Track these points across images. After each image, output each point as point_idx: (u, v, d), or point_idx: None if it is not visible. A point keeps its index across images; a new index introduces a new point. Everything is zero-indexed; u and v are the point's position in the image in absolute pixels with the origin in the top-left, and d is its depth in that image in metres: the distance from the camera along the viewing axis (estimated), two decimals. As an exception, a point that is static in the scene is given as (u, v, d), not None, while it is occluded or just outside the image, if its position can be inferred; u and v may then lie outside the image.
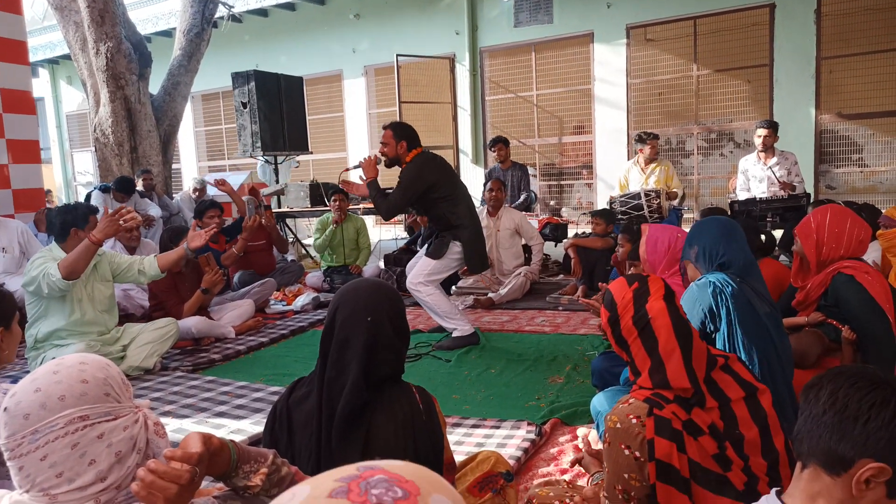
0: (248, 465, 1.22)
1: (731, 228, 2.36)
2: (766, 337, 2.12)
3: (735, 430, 1.56)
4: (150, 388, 3.56)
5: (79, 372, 1.18)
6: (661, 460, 1.47)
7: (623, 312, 1.64)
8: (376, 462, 0.55)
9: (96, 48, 7.92)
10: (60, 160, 15.62)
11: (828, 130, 8.62)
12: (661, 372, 1.57)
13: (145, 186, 7.34)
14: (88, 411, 1.16)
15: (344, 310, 1.56)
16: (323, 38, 11.45)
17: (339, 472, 0.53)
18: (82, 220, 3.67)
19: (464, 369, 3.73)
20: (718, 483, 1.50)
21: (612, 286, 1.72)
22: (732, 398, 1.59)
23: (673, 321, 1.61)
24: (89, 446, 1.15)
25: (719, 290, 2.13)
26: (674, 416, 1.51)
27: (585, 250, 5.39)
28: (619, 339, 1.67)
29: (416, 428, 1.55)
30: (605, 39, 9.49)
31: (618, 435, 1.53)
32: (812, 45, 8.26)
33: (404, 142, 4.10)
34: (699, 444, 1.51)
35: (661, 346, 1.58)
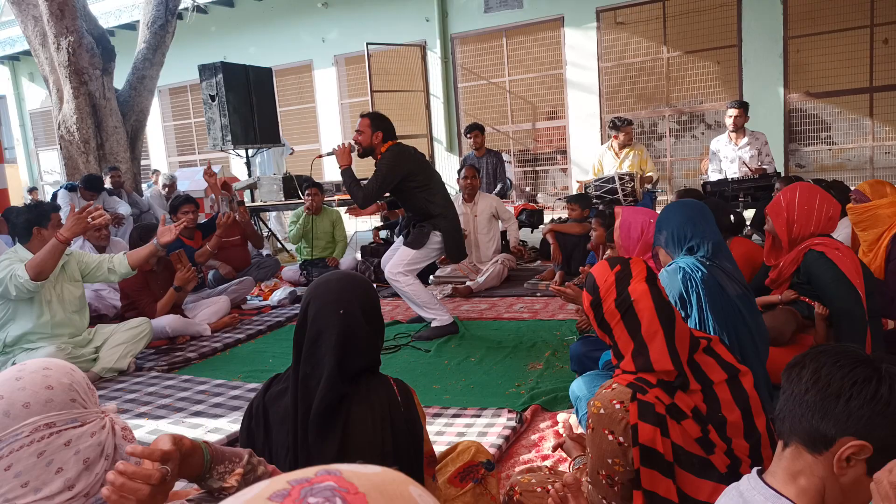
0: (223, 466, 1.20)
1: (698, 211, 2.36)
2: (739, 318, 2.13)
3: (718, 413, 1.57)
4: (125, 390, 3.49)
5: (43, 378, 1.15)
6: (645, 445, 1.47)
7: (605, 296, 1.63)
8: (342, 466, 0.52)
9: (57, 43, 7.71)
10: (26, 159, 15.25)
11: (796, 109, 8.73)
12: (644, 355, 1.56)
13: (113, 184, 7.19)
14: (55, 418, 1.13)
15: (316, 303, 1.54)
16: (292, 28, 11.28)
17: (297, 474, 0.51)
18: (45, 219, 3.58)
19: (443, 359, 3.72)
20: (702, 466, 1.51)
21: (594, 269, 1.71)
22: (715, 381, 1.60)
23: (655, 303, 1.60)
24: (56, 454, 1.12)
25: (689, 276, 2.14)
26: (657, 400, 1.50)
27: (564, 236, 5.40)
28: (602, 322, 1.65)
29: (394, 421, 1.53)
30: (575, 23, 9.48)
31: (601, 420, 1.52)
32: (779, 24, 8.34)
33: (380, 132, 4.07)
34: (682, 428, 1.51)
35: (643, 329, 1.57)
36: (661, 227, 2.39)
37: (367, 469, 0.53)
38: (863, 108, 8.57)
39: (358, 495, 0.48)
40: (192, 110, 13.01)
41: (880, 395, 0.99)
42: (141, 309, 4.30)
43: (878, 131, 8.61)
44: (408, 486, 0.52)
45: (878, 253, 3.30)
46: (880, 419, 0.98)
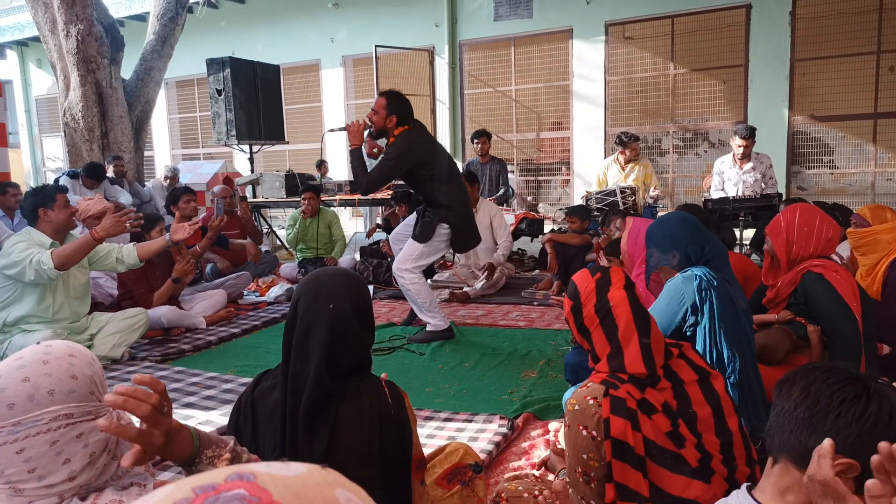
0: (211, 451, 1.19)
1: (698, 224, 2.38)
2: (744, 333, 2.14)
3: (688, 409, 1.61)
4: (117, 379, 3.48)
5: (69, 366, 1.15)
6: (616, 438, 1.51)
7: (586, 301, 1.69)
8: (257, 468, 0.47)
9: (66, 30, 7.73)
10: (29, 145, 15.25)
11: (800, 132, 8.76)
12: (618, 358, 1.63)
13: (116, 173, 7.19)
14: (74, 409, 1.14)
15: (305, 299, 1.53)
16: (301, 27, 11.31)
17: (204, 479, 0.46)
18: (49, 200, 3.60)
19: (437, 363, 3.72)
20: (674, 460, 1.54)
21: (576, 277, 1.77)
22: (686, 380, 1.65)
23: (633, 309, 1.66)
24: (67, 445, 1.12)
25: (705, 286, 2.15)
26: (628, 395, 1.55)
27: (563, 246, 5.40)
28: (581, 327, 1.71)
29: (383, 422, 1.52)
30: (584, 36, 9.52)
31: (576, 416, 1.57)
32: (786, 46, 8.38)
33: (395, 116, 3.90)
34: (653, 423, 1.55)
35: (620, 333, 1.64)
36: (668, 247, 2.35)
37: (288, 471, 0.48)
38: (866, 134, 8.60)
39: None
40: (197, 104, 13.02)
41: (869, 413, 0.99)
42: (137, 299, 4.30)
43: (880, 157, 8.65)
44: (334, 490, 0.47)
45: (875, 277, 3.31)
46: (869, 437, 0.98)
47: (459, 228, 4.04)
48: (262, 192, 7.56)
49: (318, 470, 0.48)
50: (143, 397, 1.05)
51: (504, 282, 5.60)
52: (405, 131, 3.92)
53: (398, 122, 3.91)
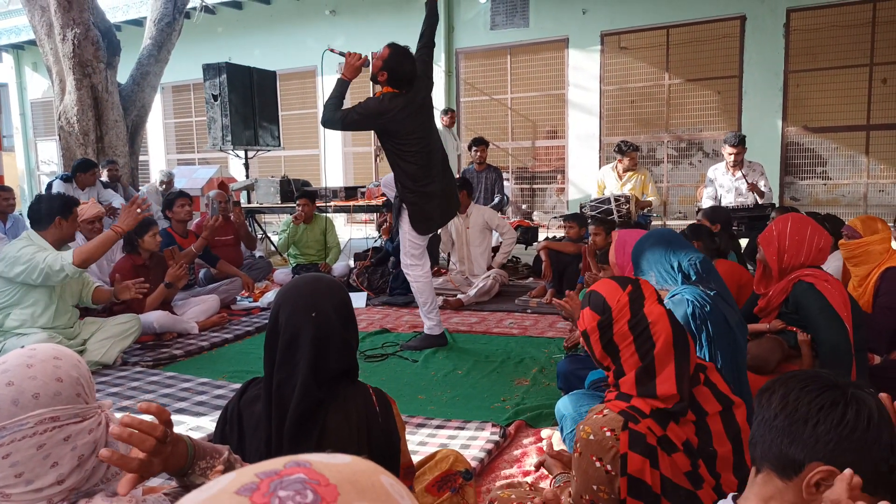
0: (204, 462, 1.19)
1: (669, 237, 2.37)
2: (739, 352, 2.13)
3: (709, 447, 1.55)
4: (108, 384, 3.47)
5: (53, 368, 1.14)
6: (634, 475, 1.45)
7: (618, 316, 1.58)
8: (311, 457, 0.51)
9: (63, 34, 7.72)
10: (24, 148, 15.20)
11: (793, 143, 8.81)
12: (649, 379, 1.53)
13: (110, 177, 7.18)
14: (60, 412, 1.12)
15: (287, 308, 1.51)
16: (298, 33, 11.34)
17: (265, 466, 0.50)
18: (68, 211, 3.63)
19: (430, 370, 3.71)
20: (688, 499, 1.49)
21: (602, 288, 1.65)
22: (709, 412, 1.58)
23: (673, 328, 1.56)
24: (54, 448, 1.11)
25: (699, 312, 2.07)
26: (649, 430, 1.48)
27: (557, 254, 5.41)
28: (609, 343, 1.60)
29: (371, 430, 1.51)
30: (579, 45, 9.57)
31: (590, 446, 1.50)
32: (780, 58, 8.44)
33: (386, 73, 3.69)
34: (672, 461, 1.49)
35: (656, 352, 1.54)
36: (644, 266, 2.32)
37: (337, 459, 0.52)
38: (859, 146, 8.66)
39: (329, 487, 0.47)
40: (193, 109, 13.01)
41: (847, 419, 0.99)
42: (130, 304, 4.27)
43: (873, 169, 8.70)
44: (379, 476, 0.51)
45: (867, 288, 3.33)
46: (847, 444, 0.99)
47: (418, 208, 3.87)
48: (257, 198, 7.55)
49: (359, 459, 0.52)
50: (149, 430, 1.05)
51: (498, 289, 5.60)
52: (391, 94, 3.70)
53: (388, 81, 3.71)
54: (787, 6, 8.30)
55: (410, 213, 3.90)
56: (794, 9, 8.30)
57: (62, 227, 3.58)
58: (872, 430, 0.99)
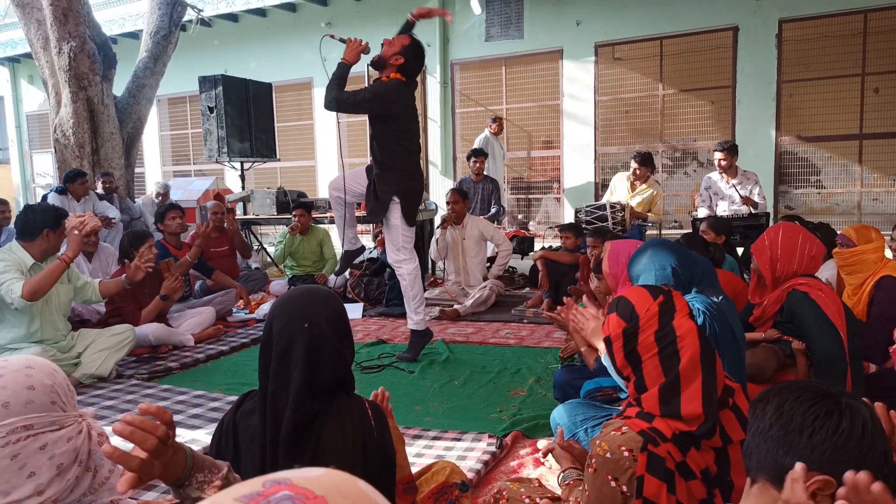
0: (203, 475, 1.17)
1: (665, 244, 2.37)
2: (741, 361, 2.13)
3: (726, 477, 1.52)
4: (103, 397, 3.45)
5: (25, 377, 1.13)
6: (649, 499, 1.43)
7: (645, 326, 1.53)
8: (288, 474, 0.50)
9: (59, 47, 7.74)
10: (19, 161, 15.19)
11: (787, 152, 8.86)
12: (674, 396, 1.48)
13: (106, 189, 7.17)
14: (34, 420, 1.11)
15: (280, 320, 1.51)
16: (293, 46, 11.37)
17: (242, 489, 0.48)
18: (56, 224, 3.59)
19: (427, 381, 3.71)
20: None
21: (631, 295, 1.61)
22: (734, 440, 1.54)
23: (701, 344, 1.52)
24: (30, 458, 1.10)
25: (708, 322, 2.05)
26: (668, 455, 1.45)
27: (554, 263, 5.42)
28: (633, 352, 1.55)
29: (366, 444, 1.50)
30: (574, 56, 9.63)
31: (606, 464, 1.47)
32: (773, 68, 8.50)
33: (403, 58, 3.76)
34: (689, 487, 1.46)
35: (682, 367, 1.49)
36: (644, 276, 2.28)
37: (312, 472, 0.51)
38: (852, 154, 8.71)
39: (317, 499, 0.47)
40: (189, 121, 13.03)
41: (842, 429, 1.00)
42: (125, 316, 4.26)
43: (866, 178, 8.75)
44: (357, 482, 0.51)
45: (861, 297, 3.34)
46: (843, 453, 0.99)
47: (409, 198, 3.91)
48: (253, 209, 7.55)
49: (334, 471, 0.52)
50: (151, 429, 1.03)
51: (494, 299, 5.60)
52: (398, 80, 3.77)
53: (400, 68, 3.77)
54: (779, 17, 8.37)
55: (403, 206, 3.90)
56: (787, 19, 8.38)
57: (49, 239, 3.55)
58: (867, 438, 1.00)
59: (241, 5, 11.25)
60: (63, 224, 3.65)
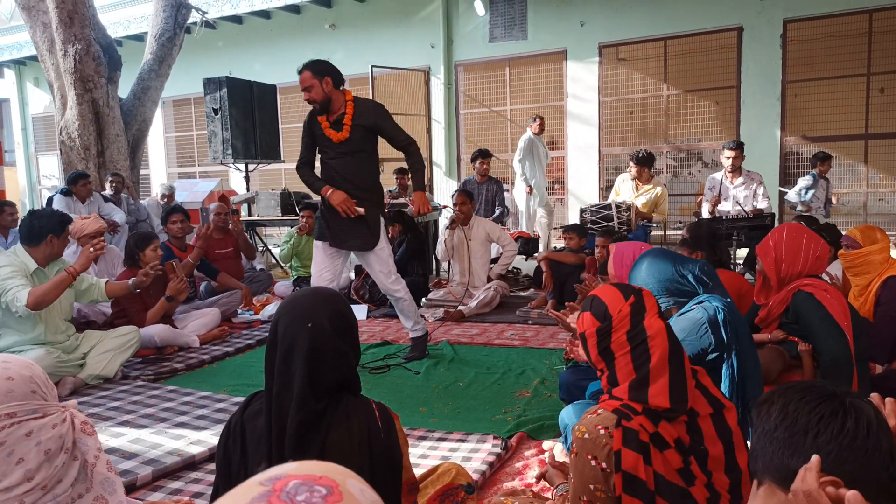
0: None
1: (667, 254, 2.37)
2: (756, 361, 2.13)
3: (700, 446, 1.58)
4: (109, 398, 3.46)
5: (3, 369, 1.16)
6: (627, 472, 1.48)
7: (618, 325, 1.61)
8: (274, 470, 0.52)
9: (64, 50, 7.77)
10: (25, 163, 15.25)
11: (792, 152, 8.84)
12: (643, 389, 1.56)
13: (115, 190, 7.20)
14: (16, 408, 1.13)
15: (284, 321, 1.53)
16: (297, 47, 11.39)
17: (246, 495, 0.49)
18: (60, 229, 3.61)
19: (432, 382, 3.71)
20: (682, 497, 1.51)
21: (604, 295, 1.67)
22: (701, 413, 1.61)
23: (670, 344, 1.60)
24: (17, 445, 1.12)
25: (730, 319, 2.08)
26: (641, 427, 1.51)
27: (558, 265, 5.41)
28: (606, 350, 1.63)
29: (373, 446, 1.50)
30: (578, 57, 9.62)
31: (585, 445, 1.53)
32: (778, 68, 8.48)
33: (329, 77, 3.58)
34: (664, 458, 1.52)
35: (652, 365, 1.57)
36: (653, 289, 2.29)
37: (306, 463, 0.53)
38: (858, 155, 8.68)
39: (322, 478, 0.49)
40: (194, 123, 13.07)
41: (847, 429, 1.00)
42: (131, 317, 4.28)
43: (872, 178, 8.72)
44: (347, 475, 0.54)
45: (867, 297, 3.33)
46: (848, 453, 0.99)
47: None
48: (258, 211, 7.57)
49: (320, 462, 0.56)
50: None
51: (499, 301, 5.60)
52: (360, 98, 3.70)
53: (335, 83, 3.62)
54: (783, 17, 8.36)
55: (384, 224, 3.90)
56: (791, 19, 8.36)
57: (53, 244, 3.57)
58: (872, 438, 1.00)
59: (246, 7, 11.28)
60: (67, 230, 3.67)
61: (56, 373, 3.46)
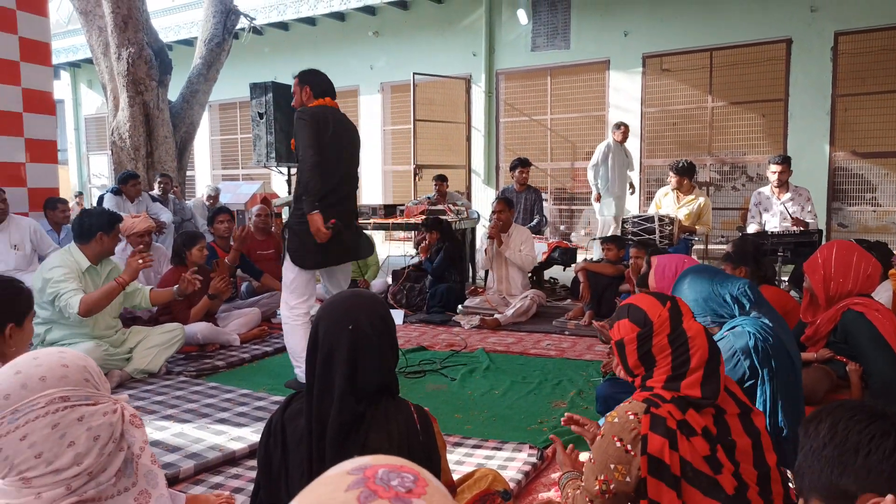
0: None
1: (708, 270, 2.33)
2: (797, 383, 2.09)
3: (727, 437, 1.61)
4: (153, 392, 3.56)
5: (59, 357, 1.21)
6: (653, 455, 1.52)
7: (659, 329, 1.65)
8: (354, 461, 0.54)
9: (118, 53, 8.03)
10: (77, 162, 15.77)
11: (841, 168, 8.60)
12: (677, 382, 1.62)
13: (163, 190, 7.39)
14: (70, 393, 1.17)
15: (325, 323, 1.54)
16: (341, 54, 11.57)
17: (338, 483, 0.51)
18: (109, 227, 3.74)
19: (467, 389, 3.71)
20: (709, 484, 1.54)
21: (641, 302, 1.71)
22: (728, 412, 1.65)
23: (709, 343, 1.65)
24: (69, 428, 1.15)
25: (762, 345, 2.05)
26: (669, 414, 1.55)
27: (595, 275, 5.37)
28: (647, 354, 1.67)
29: (412, 448, 1.51)
30: (621, 67, 9.55)
31: (613, 428, 1.59)
32: (828, 81, 8.28)
33: (308, 87, 3.60)
34: (691, 445, 1.55)
35: (692, 366, 1.62)
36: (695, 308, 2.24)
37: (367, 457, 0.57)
38: (910, 172, 8.43)
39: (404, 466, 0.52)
40: (239, 126, 13.35)
41: None
42: (175, 314, 4.39)
43: (924, 196, 8.45)
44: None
45: (919, 318, 3.22)
46: None
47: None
48: (299, 214, 7.68)
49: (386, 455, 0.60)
50: None
51: (535, 310, 5.57)
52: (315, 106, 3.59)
53: (314, 94, 3.62)
54: (834, 29, 8.16)
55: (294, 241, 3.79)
56: (843, 32, 8.16)
57: (103, 241, 3.70)
58: None
59: (292, 14, 11.51)
60: (117, 228, 3.79)
61: (104, 366, 3.58)
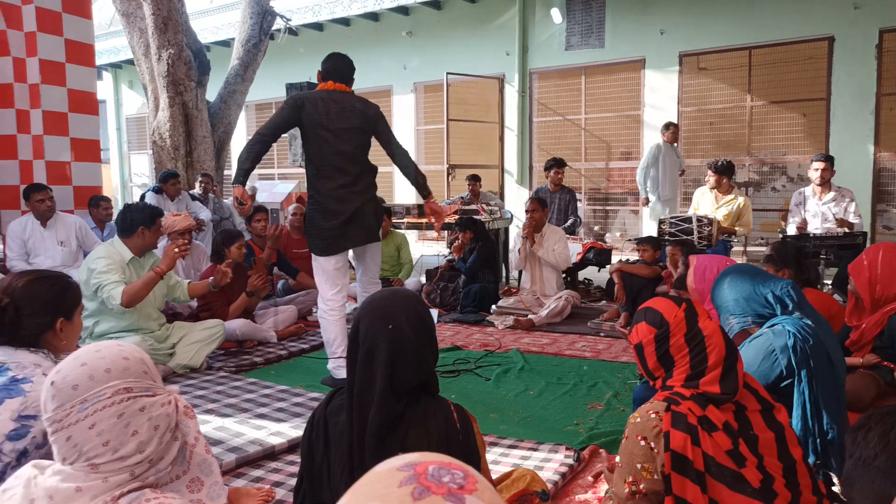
0: None
1: (750, 270, 2.29)
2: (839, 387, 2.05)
3: (749, 431, 1.63)
4: (195, 387, 3.63)
5: (119, 350, 1.28)
6: (676, 451, 1.54)
7: (675, 330, 1.69)
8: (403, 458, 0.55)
9: (158, 54, 8.21)
10: (118, 161, 16.16)
11: (886, 169, 8.37)
12: (696, 380, 1.65)
13: (204, 189, 7.53)
14: (132, 384, 1.24)
15: (365, 322, 1.56)
16: (375, 54, 11.64)
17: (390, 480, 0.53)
18: (150, 221, 3.85)
19: (502, 389, 3.72)
20: (734, 479, 1.55)
21: (657, 305, 1.76)
22: (749, 408, 1.67)
23: (725, 342, 1.68)
24: (133, 417, 1.22)
25: (801, 345, 2.02)
26: (689, 411, 1.58)
27: (630, 277, 5.31)
28: (665, 355, 1.70)
29: (451, 447, 1.51)
30: (657, 66, 9.44)
31: (636, 428, 1.62)
32: (872, 80, 8.07)
33: (318, 72, 3.77)
34: (713, 440, 1.57)
35: (710, 364, 1.65)
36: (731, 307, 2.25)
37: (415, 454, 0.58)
38: (958, 173, 8.16)
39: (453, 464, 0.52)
40: (274, 126, 13.50)
41: None
42: (215, 310, 4.47)
43: (974, 197, 8.18)
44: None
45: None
46: None
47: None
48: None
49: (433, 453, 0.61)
50: None
51: (570, 311, 5.54)
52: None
53: (323, 77, 3.86)
54: (879, 26, 7.94)
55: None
56: (888, 29, 7.94)
57: (145, 236, 3.81)
58: None
59: (327, 15, 11.63)
60: (158, 222, 3.89)
61: (148, 360, 3.66)
